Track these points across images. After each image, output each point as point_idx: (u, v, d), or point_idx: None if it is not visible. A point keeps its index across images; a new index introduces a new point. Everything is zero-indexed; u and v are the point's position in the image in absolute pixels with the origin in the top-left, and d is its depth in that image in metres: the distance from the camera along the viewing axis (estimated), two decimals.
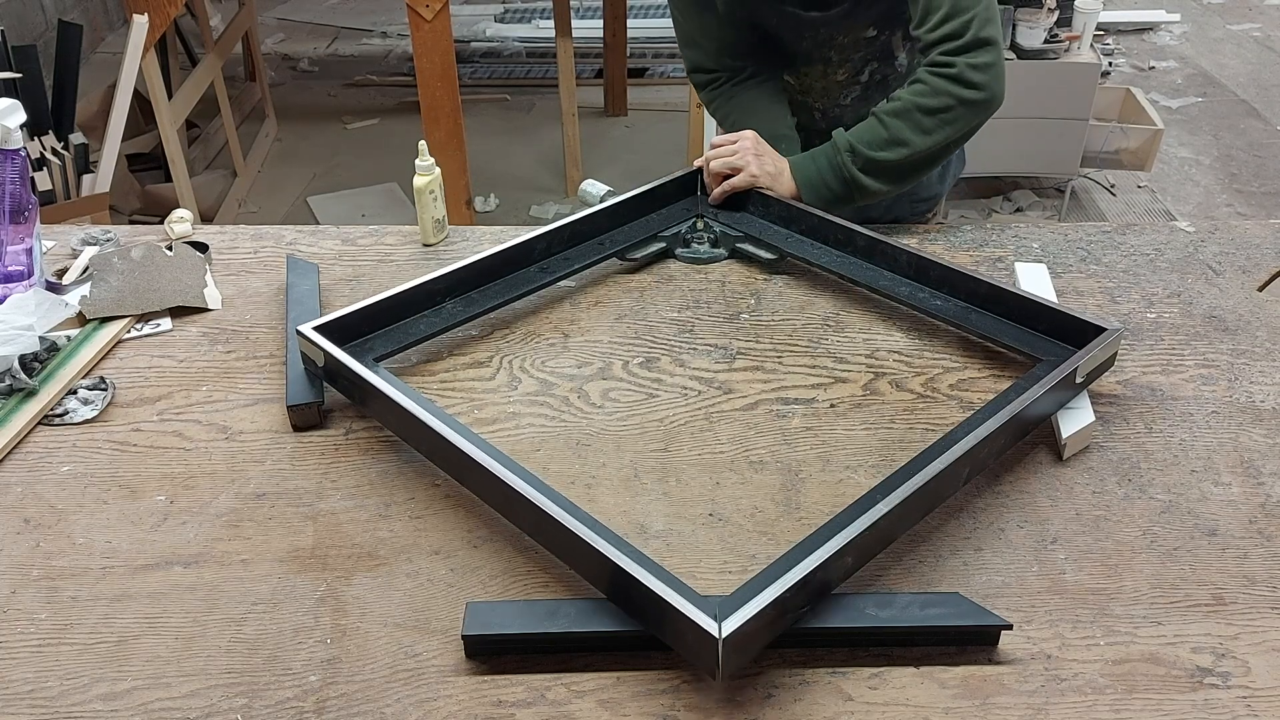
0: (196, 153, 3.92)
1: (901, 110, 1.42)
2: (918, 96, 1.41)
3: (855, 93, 1.61)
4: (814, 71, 1.59)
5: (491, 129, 4.44)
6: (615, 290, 1.41)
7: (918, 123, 1.41)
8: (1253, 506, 1.05)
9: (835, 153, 1.45)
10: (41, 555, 1.01)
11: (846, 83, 1.59)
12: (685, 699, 0.86)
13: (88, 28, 4.76)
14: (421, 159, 1.47)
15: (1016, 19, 3.34)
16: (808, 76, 1.61)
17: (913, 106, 1.41)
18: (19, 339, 1.24)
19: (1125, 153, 3.68)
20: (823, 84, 1.60)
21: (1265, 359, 1.26)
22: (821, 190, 1.46)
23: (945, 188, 1.75)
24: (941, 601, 0.91)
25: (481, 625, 0.90)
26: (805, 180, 1.47)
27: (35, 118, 2.33)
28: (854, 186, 1.45)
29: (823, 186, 1.46)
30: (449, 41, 2.72)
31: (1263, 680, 0.87)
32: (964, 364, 1.26)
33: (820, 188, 1.46)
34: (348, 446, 1.14)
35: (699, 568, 0.98)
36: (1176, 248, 1.49)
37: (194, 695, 0.87)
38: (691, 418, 1.18)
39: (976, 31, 1.38)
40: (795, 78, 1.62)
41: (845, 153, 1.44)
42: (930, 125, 1.41)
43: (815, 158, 1.47)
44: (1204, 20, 5.69)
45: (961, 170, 1.79)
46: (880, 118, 1.43)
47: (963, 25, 1.38)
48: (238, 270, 1.48)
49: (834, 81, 1.59)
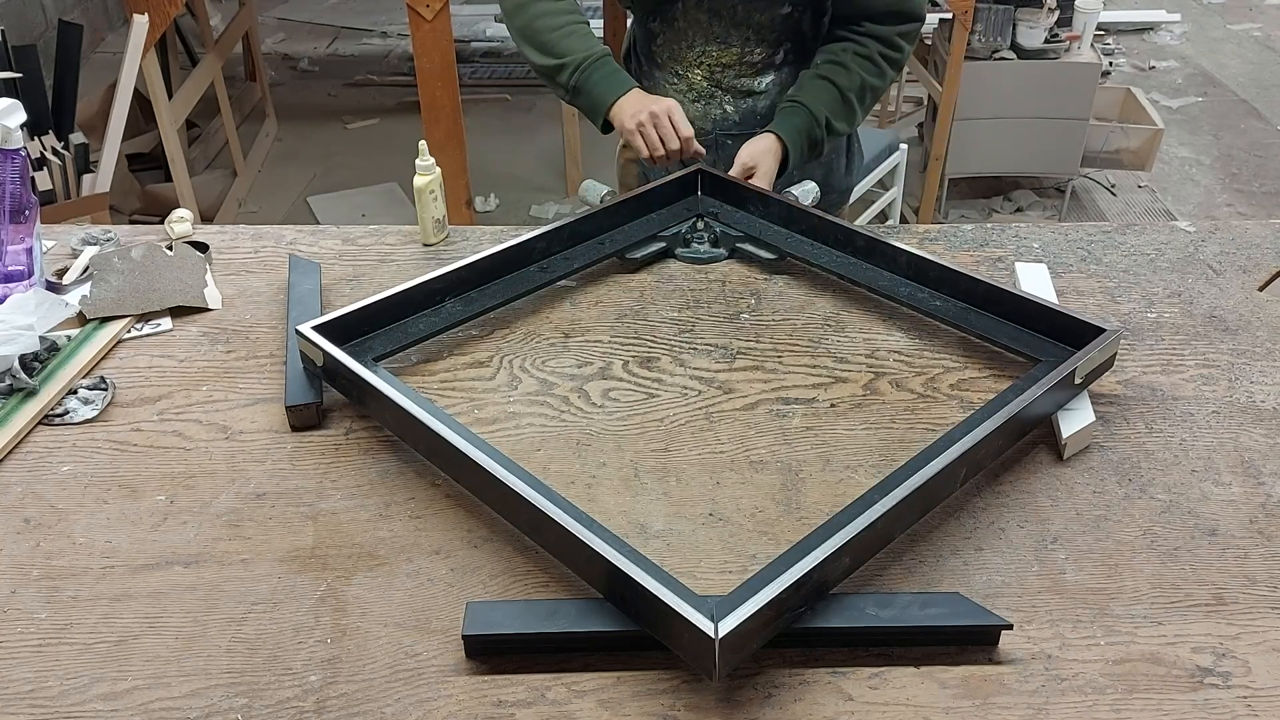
0: (196, 153, 3.93)
1: (858, 88, 1.55)
2: (869, 75, 1.56)
3: (770, 77, 1.62)
4: (729, 55, 1.60)
5: (491, 129, 4.44)
6: (615, 290, 1.41)
7: (864, 100, 1.58)
8: (1253, 506, 1.05)
9: (814, 125, 1.55)
10: (41, 555, 1.01)
11: (763, 65, 1.61)
12: (685, 699, 0.86)
13: (88, 28, 4.76)
14: (421, 159, 1.47)
15: (1016, 19, 3.34)
16: (722, 61, 1.60)
17: (867, 87, 1.56)
18: (19, 339, 1.24)
19: (1125, 153, 3.68)
20: (737, 69, 1.61)
21: (1265, 359, 1.26)
22: (798, 159, 1.56)
23: (854, 180, 1.84)
24: (941, 601, 0.91)
25: (481, 625, 0.90)
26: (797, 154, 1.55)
27: (35, 118, 2.33)
28: (816, 151, 1.58)
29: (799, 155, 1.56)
30: (449, 41, 2.72)
31: (1263, 680, 0.87)
32: (964, 364, 1.26)
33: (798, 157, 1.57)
34: (348, 446, 1.14)
35: (699, 568, 0.98)
36: (1177, 248, 1.49)
37: (194, 695, 0.87)
38: (691, 417, 1.18)
39: (917, 7, 1.54)
40: (705, 69, 1.62)
41: (821, 126, 1.55)
42: (869, 102, 1.59)
43: (798, 131, 1.55)
44: (1204, 20, 5.69)
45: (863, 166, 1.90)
46: (842, 92, 1.55)
47: (917, 6, 1.53)
48: (238, 270, 1.48)
49: (749, 64, 1.60)
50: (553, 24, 1.55)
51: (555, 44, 1.55)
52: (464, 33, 5.31)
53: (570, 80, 1.54)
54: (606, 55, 1.55)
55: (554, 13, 1.56)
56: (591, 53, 1.54)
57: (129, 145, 3.55)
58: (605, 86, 1.53)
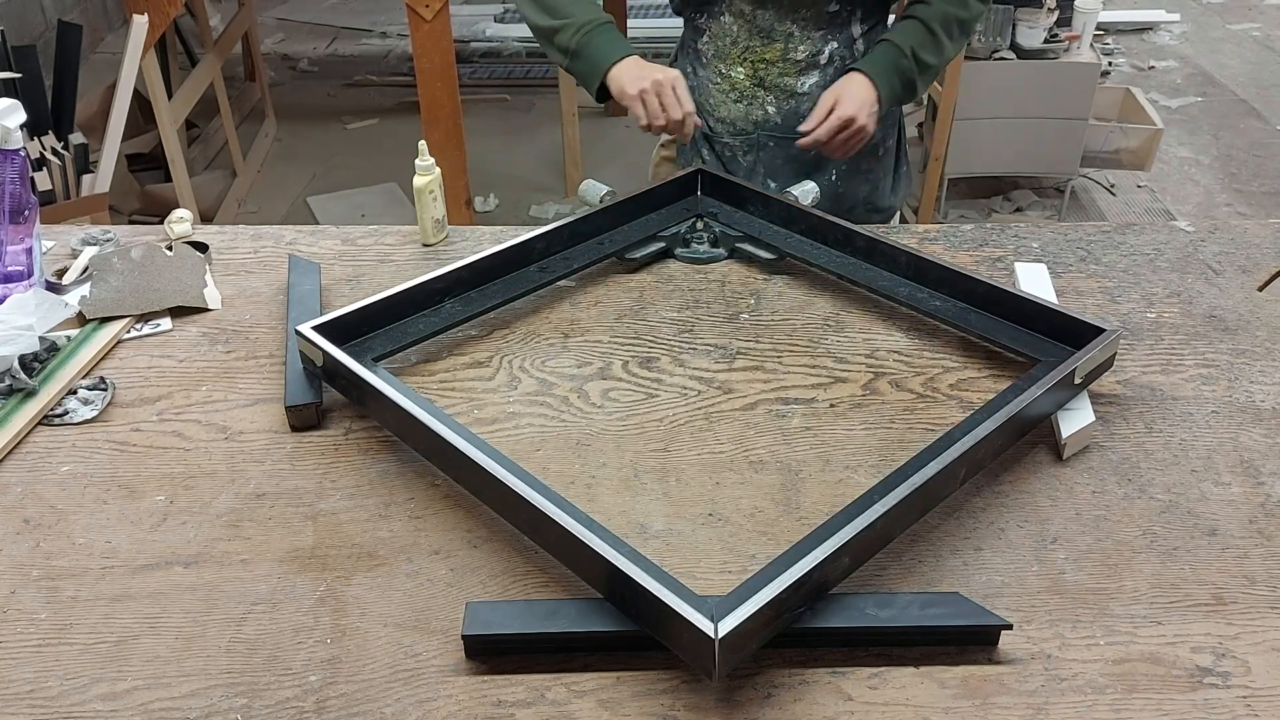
0: (196, 153, 3.92)
1: (942, 19, 1.54)
2: (951, 6, 1.54)
3: (814, 78, 1.60)
4: (773, 51, 1.58)
5: (491, 129, 4.44)
6: (615, 290, 1.41)
7: (950, 32, 1.55)
8: (1253, 506, 1.05)
9: (901, 56, 1.53)
10: (41, 555, 1.01)
11: (807, 64, 1.59)
12: (685, 699, 0.86)
13: (88, 28, 4.76)
14: (421, 159, 1.47)
15: (1016, 19, 3.34)
16: (766, 57, 1.59)
17: (952, 18, 1.55)
18: (19, 339, 1.24)
19: (1125, 152, 3.68)
20: (780, 66, 1.59)
21: (1265, 359, 1.26)
22: (888, 91, 1.53)
23: (899, 200, 1.79)
24: (941, 601, 0.91)
25: (481, 625, 0.90)
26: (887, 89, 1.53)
27: (35, 118, 2.33)
28: (910, 90, 1.55)
29: (890, 91, 1.54)
30: (449, 41, 2.72)
31: (1263, 680, 0.87)
32: (964, 364, 1.26)
33: (889, 92, 1.53)
34: (347, 446, 1.14)
35: (698, 568, 0.98)
36: (1176, 247, 1.49)
37: (194, 695, 0.87)
38: (691, 418, 1.18)
39: None
40: (749, 65, 1.61)
41: (909, 58, 1.53)
42: (958, 35, 1.57)
43: (884, 65, 1.53)
44: (1204, 20, 5.69)
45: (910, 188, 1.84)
46: (924, 23, 1.54)
47: None
48: (237, 270, 1.48)
49: (793, 61, 1.59)
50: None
51: (560, 6, 1.55)
52: (464, 33, 5.31)
53: (571, 42, 1.53)
54: (610, 22, 1.55)
55: None
56: (596, 17, 1.54)
57: (129, 145, 3.55)
58: (606, 50, 1.52)
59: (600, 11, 1.56)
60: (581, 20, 1.53)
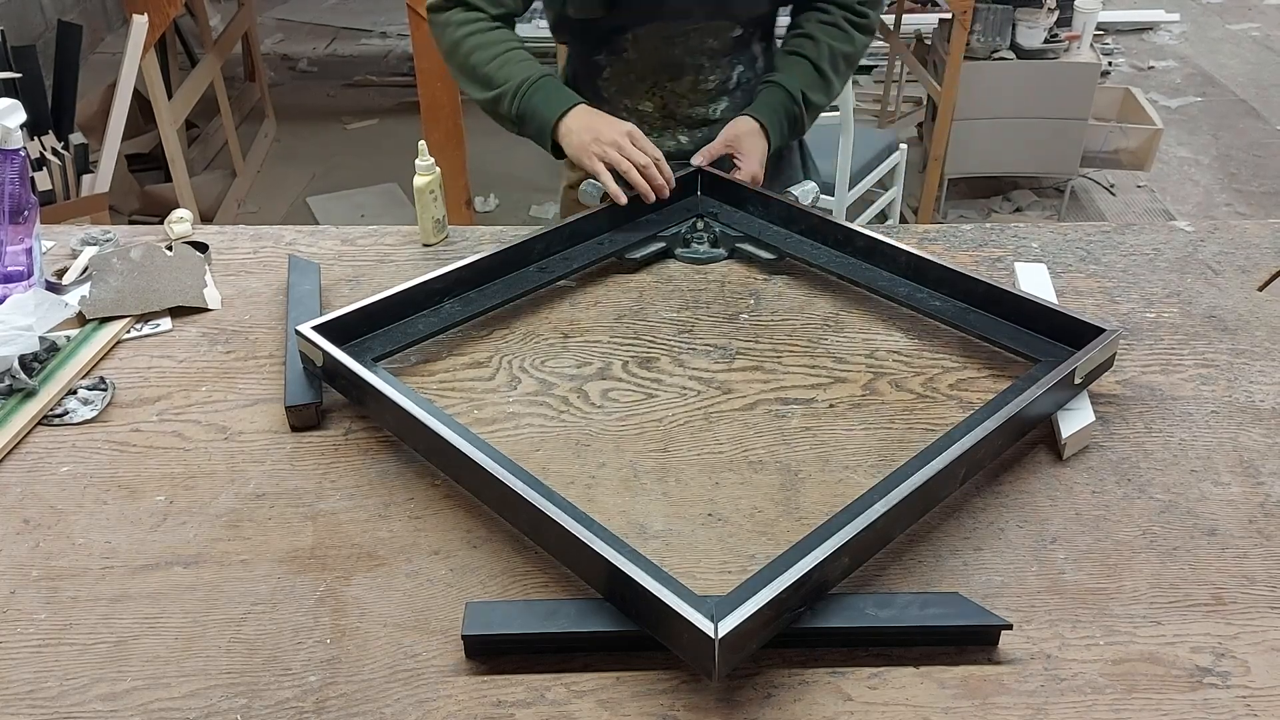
0: (196, 153, 3.92)
1: (830, 58, 1.54)
2: (838, 42, 1.54)
3: (724, 103, 1.59)
4: (683, 84, 1.57)
5: (491, 129, 4.41)
6: (615, 290, 1.41)
7: (838, 68, 1.55)
8: (1252, 506, 1.05)
9: (791, 102, 1.53)
10: (41, 555, 1.01)
11: (717, 91, 1.58)
12: (685, 699, 0.86)
13: (88, 28, 4.75)
14: (421, 159, 1.47)
15: (1016, 19, 3.34)
16: (675, 91, 1.57)
17: (839, 54, 1.54)
18: (19, 339, 1.24)
19: (1124, 152, 3.68)
20: (691, 96, 1.58)
21: (1265, 359, 1.26)
22: (779, 139, 1.54)
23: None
24: (941, 601, 0.91)
25: (481, 625, 0.90)
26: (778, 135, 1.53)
27: (35, 118, 2.33)
28: (797, 131, 1.56)
29: (779, 134, 1.54)
30: None
31: (1262, 680, 0.87)
32: (963, 364, 1.26)
33: (779, 135, 1.54)
34: (347, 447, 1.14)
35: (698, 568, 0.98)
36: (1176, 247, 1.49)
37: (194, 695, 0.87)
38: (691, 418, 1.18)
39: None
40: (658, 99, 1.58)
41: (799, 103, 1.53)
42: (844, 70, 1.57)
43: (776, 110, 1.53)
44: (1203, 20, 5.69)
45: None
46: (813, 64, 1.54)
47: None
48: (237, 270, 1.48)
49: (703, 91, 1.57)
50: (487, 55, 1.47)
51: (492, 75, 1.46)
52: None
53: (511, 110, 1.46)
54: (546, 76, 1.46)
55: (487, 44, 1.48)
56: (529, 75, 1.45)
57: (128, 145, 3.55)
58: (548, 108, 1.44)
59: (533, 65, 1.47)
60: (516, 82, 1.44)
